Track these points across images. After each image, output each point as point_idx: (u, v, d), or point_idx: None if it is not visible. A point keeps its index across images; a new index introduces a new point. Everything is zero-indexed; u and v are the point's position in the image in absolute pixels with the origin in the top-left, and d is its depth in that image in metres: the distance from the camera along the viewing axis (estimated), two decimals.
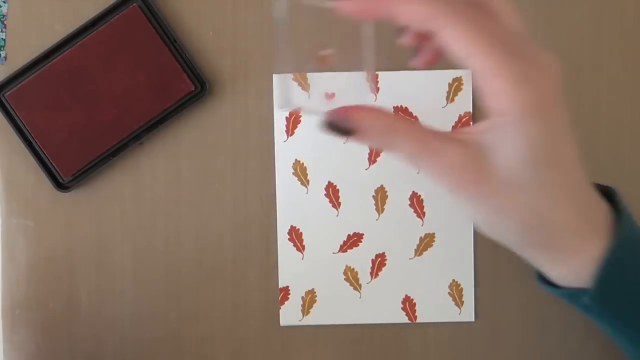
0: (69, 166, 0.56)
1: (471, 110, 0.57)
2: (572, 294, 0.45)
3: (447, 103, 0.57)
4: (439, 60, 0.44)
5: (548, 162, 0.41)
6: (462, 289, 0.57)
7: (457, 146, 0.41)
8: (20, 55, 0.56)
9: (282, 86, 0.45)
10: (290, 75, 0.45)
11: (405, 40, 0.44)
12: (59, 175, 0.56)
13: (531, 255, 0.45)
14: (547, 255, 0.44)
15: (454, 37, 0.39)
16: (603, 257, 0.43)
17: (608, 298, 0.44)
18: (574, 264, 0.44)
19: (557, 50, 0.56)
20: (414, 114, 0.57)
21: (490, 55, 0.39)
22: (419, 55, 0.45)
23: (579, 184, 0.43)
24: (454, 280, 0.57)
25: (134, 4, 0.55)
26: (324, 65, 0.45)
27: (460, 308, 0.57)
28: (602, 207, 0.44)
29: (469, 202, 0.42)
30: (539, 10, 0.57)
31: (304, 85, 0.56)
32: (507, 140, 0.40)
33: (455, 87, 0.57)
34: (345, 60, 0.45)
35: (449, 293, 0.57)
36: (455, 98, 0.57)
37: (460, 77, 0.57)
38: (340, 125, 0.42)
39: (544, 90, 0.39)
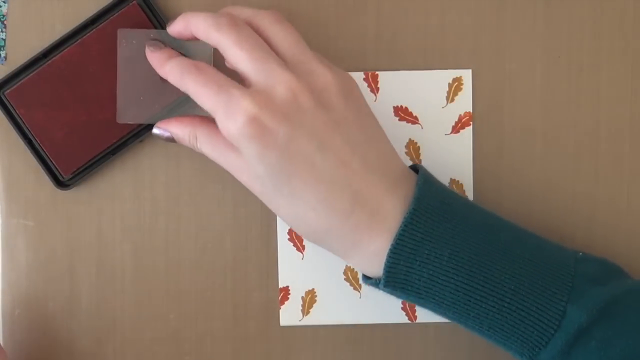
0: (69, 164, 0.56)
1: (471, 110, 0.57)
2: (375, 284, 0.50)
3: (447, 103, 0.57)
4: None
5: (284, 174, 0.47)
6: None
7: (237, 153, 0.48)
8: (20, 55, 0.56)
9: (124, 100, 0.54)
10: (133, 89, 0.54)
11: None
12: (59, 173, 0.56)
13: (341, 255, 0.50)
14: (341, 253, 0.50)
15: (188, 90, 0.49)
16: (388, 249, 0.48)
17: (395, 285, 0.49)
18: (364, 261, 0.49)
19: (557, 50, 0.57)
20: (414, 114, 0.57)
21: (205, 98, 0.47)
22: None
23: (342, 185, 0.47)
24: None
25: (134, 2, 0.55)
26: (166, 85, 0.52)
27: None
28: (387, 198, 0.48)
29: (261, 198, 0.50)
30: (539, 10, 0.57)
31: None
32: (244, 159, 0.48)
33: (455, 87, 0.57)
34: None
35: None
36: (456, 98, 0.57)
37: (461, 77, 0.57)
38: (162, 136, 0.52)
39: (250, 113, 0.45)
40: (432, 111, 0.56)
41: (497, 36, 0.57)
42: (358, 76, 0.57)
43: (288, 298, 0.57)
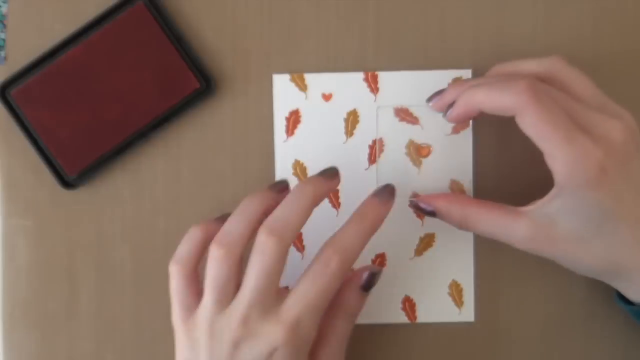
0: (75, 164, 0.56)
1: None
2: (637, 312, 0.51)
3: None
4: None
5: (610, 221, 0.47)
6: (462, 289, 0.57)
7: (525, 221, 0.49)
8: (21, 55, 0.56)
9: None
10: None
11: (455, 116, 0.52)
12: (65, 173, 0.56)
13: (609, 282, 0.51)
14: (622, 284, 0.51)
15: (527, 123, 0.47)
16: None
17: None
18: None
19: (557, 50, 0.57)
20: (414, 115, 0.57)
21: (552, 139, 0.46)
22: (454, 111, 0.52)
23: None
24: (453, 280, 0.57)
25: (140, 2, 0.55)
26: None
27: (460, 308, 0.57)
28: None
29: (548, 257, 0.50)
30: (539, 10, 0.57)
31: (301, 86, 0.57)
32: (568, 207, 0.47)
33: None
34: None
35: (448, 293, 0.57)
36: None
37: (461, 77, 0.57)
38: (423, 209, 0.53)
39: (601, 165, 0.46)
40: (432, 111, 0.56)
41: (497, 36, 0.57)
42: (358, 76, 0.57)
43: None
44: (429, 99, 0.54)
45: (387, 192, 0.50)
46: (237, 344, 0.47)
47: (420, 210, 0.53)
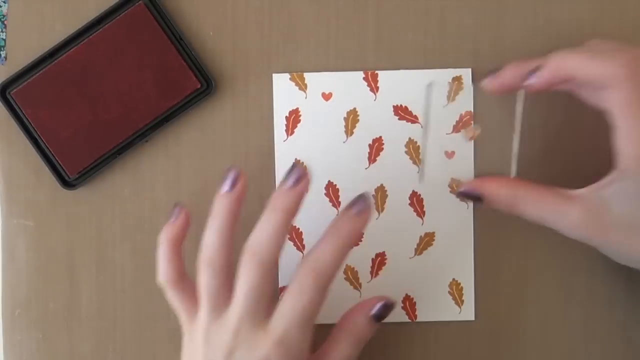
0: (75, 164, 0.56)
1: (472, 110, 0.57)
2: None
3: (448, 102, 0.57)
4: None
5: None
6: (462, 288, 0.57)
7: (577, 205, 0.48)
8: (21, 55, 0.56)
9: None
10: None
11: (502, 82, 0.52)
12: (65, 173, 0.56)
13: None
14: None
15: (615, 98, 0.46)
16: None
17: None
18: None
19: (557, 50, 0.57)
20: (414, 113, 0.57)
21: (630, 119, 0.45)
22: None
23: None
24: (454, 279, 0.57)
25: (140, 2, 0.56)
26: (470, 139, 0.56)
27: (460, 307, 0.57)
28: None
29: (598, 245, 0.49)
30: (539, 10, 0.57)
31: (301, 85, 0.57)
32: (627, 191, 0.46)
33: (456, 86, 0.57)
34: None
35: (449, 292, 0.57)
36: (456, 97, 0.57)
37: (461, 76, 0.57)
38: (470, 194, 0.52)
39: None
40: (432, 110, 0.56)
41: (497, 36, 0.57)
42: (358, 76, 0.57)
43: None
44: (484, 80, 0.53)
45: (362, 203, 0.48)
46: (231, 353, 0.47)
47: (467, 197, 0.52)
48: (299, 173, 0.48)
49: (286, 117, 0.57)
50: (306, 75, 0.57)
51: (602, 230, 0.48)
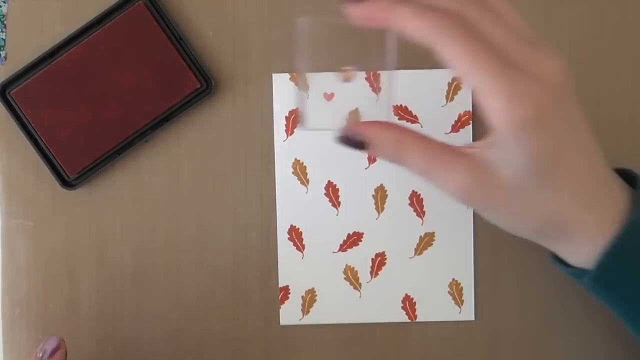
0: (75, 164, 0.56)
1: (471, 109, 0.57)
2: (577, 274, 0.47)
3: (447, 102, 0.57)
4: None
5: (551, 168, 0.43)
6: (462, 287, 0.57)
7: (465, 163, 0.44)
8: (20, 55, 0.56)
9: (301, 107, 0.48)
10: (306, 96, 0.48)
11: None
12: (65, 173, 0.56)
13: (544, 243, 0.48)
14: (558, 245, 0.47)
15: (451, 56, 0.41)
16: (607, 245, 0.45)
17: (607, 281, 0.46)
18: (582, 251, 0.46)
19: (557, 50, 0.57)
20: (414, 113, 0.57)
21: (485, 73, 0.40)
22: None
23: (589, 180, 0.45)
24: (453, 279, 0.57)
25: (140, 2, 0.56)
26: (345, 80, 0.49)
27: (460, 307, 0.57)
28: (616, 196, 0.46)
29: (481, 209, 0.46)
30: (539, 10, 0.57)
31: (303, 85, 0.57)
32: (508, 154, 0.42)
33: (455, 86, 0.57)
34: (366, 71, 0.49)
35: (448, 292, 0.57)
36: (455, 97, 0.57)
37: None
38: (352, 139, 0.45)
39: (540, 103, 0.41)
40: (431, 110, 0.56)
41: None
42: (358, 75, 0.57)
43: (288, 297, 0.57)
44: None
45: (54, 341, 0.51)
46: None
47: (348, 144, 0.45)
48: (55, 343, 0.50)
49: (286, 117, 0.57)
50: (307, 75, 0.57)
51: (488, 195, 0.44)
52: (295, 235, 0.57)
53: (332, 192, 0.57)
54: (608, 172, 0.46)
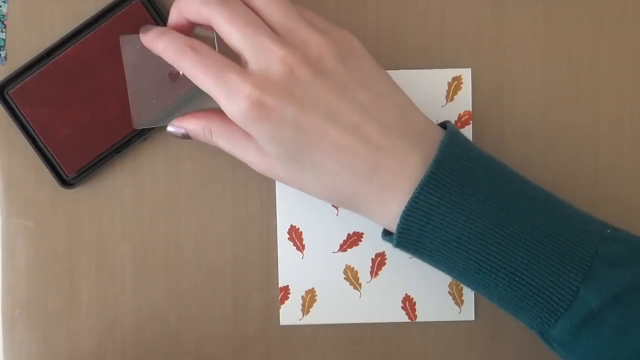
0: (74, 163, 0.56)
1: (471, 109, 0.57)
2: (388, 240, 0.50)
3: (447, 102, 0.57)
4: None
5: (302, 149, 0.47)
6: (462, 287, 0.57)
7: (254, 143, 0.49)
8: (21, 55, 0.56)
9: (137, 106, 0.54)
10: (145, 93, 0.54)
11: None
12: (64, 172, 0.56)
13: (364, 214, 0.50)
14: (363, 214, 0.50)
15: (184, 71, 0.49)
16: (403, 208, 0.47)
17: (407, 246, 0.49)
18: (382, 219, 0.49)
19: (557, 50, 0.57)
20: None
21: (204, 82, 0.47)
22: None
23: (360, 148, 0.47)
24: (454, 279, 0.57)
25: (137, 0, 0.56)
26: (175, 81, 0.54)
27: (460, 307, 0.57)
28: (409, 156, 0.48)
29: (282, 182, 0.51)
30: (539, 10, 0.57)
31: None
32: (259, 140, 0.48)
33: (455, 86, 0.57)
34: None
35: (449, 292, 0.57)
36: (455, 97, 0.57)
37: (460, 76, 0.57)
38: (176, 133, 0.53)
39: (250, 96, 0.46)
40: (431, 110, 0.56)
41: (497, 36, 0.57)
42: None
43: (288, 297, 0.57)
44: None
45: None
46: None
47: (176, 136, 0.53)
48: None
49: None
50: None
51: (272, 169, 0.50)
52: (295, 235, 0.57)
53: None
54: (404, 123, 0.48)
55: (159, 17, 0.56)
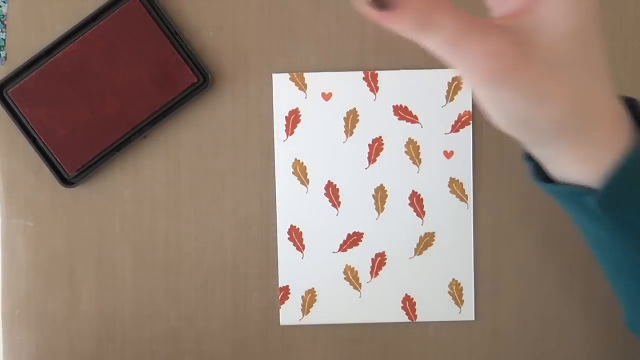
0: (74, 161, 0.56)
1: (471, 109, 0.57)
2: (575, 192, 0.42)
3: (447, 102, 0.57)
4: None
5: (588, 38, 0.39)
6: (462, 288, 0.57)
7: (497, 31, 0.38)
8: (21, 55, 0.56)
9: None
10: None
11: None
12: (64, 170, 0.56)
13: (550, 148, 0.42)
14: (567, 150, 0.42)
15: None
16: (619, 160, 0.40)
17: (613, 203, 0.41)
18: (591, 161, 0.41)
19: None
20: (414, 113, 0.57)
21: None
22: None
23: (608, 74, 0.41)
24: (453, 279, 0.57)
25: None
26: None
27: (460, 307, 0.57)
28: (623, 110, 0.42)
29: (507, 93, 0.39)
30: None
31: (301, 85, 0.57)
32: (550, 16, 0.38)
33: (454, 86, 0.57)
34: None
35: (448, 292, 0.57)
36: (455, 97, 0.57)
37: (460, 76, 0.57)
38: None
39: None
40: (431, 110, 0.56)
41: None
42: (358, 76, 0.57)
43: (288, 297, 0.57)
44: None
45: None
46: None
47: (375, 4, 0.37)
48: None
49: (286, 117, 0.57)
50: (306, 75, 0.57)
51: (520, 68, 0.38)
52: (295, 235, 0.57)
53: (332, 192, 0.57)
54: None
55: (157, 15, 0.56)
